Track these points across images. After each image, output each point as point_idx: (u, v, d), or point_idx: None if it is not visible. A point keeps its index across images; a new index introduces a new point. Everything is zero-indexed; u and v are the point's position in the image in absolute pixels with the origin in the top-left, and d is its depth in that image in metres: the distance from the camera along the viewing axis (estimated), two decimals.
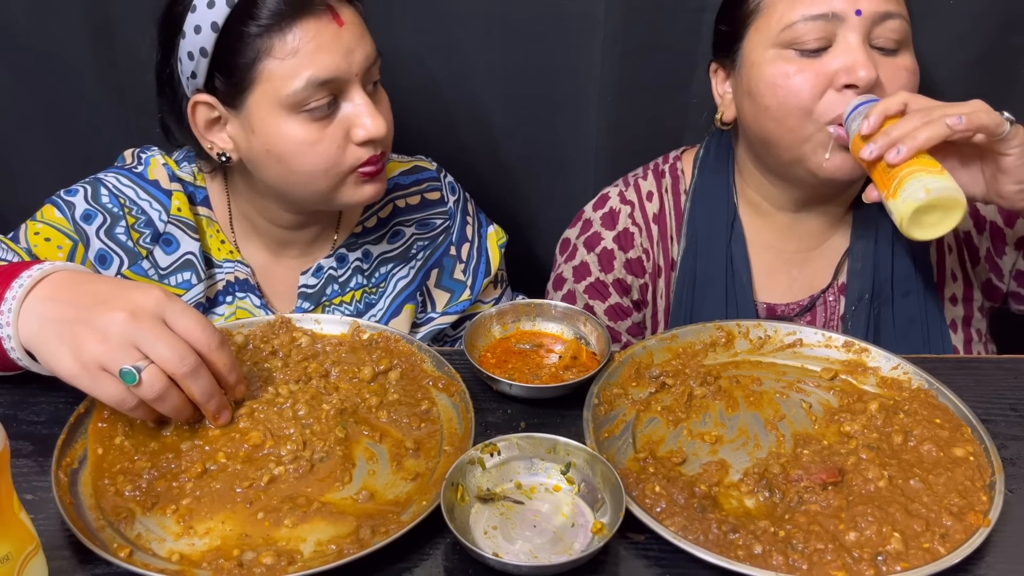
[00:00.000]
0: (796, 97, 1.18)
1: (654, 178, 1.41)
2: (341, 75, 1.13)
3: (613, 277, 1.39)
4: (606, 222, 1.40)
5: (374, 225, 1.39)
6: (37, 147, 1.68)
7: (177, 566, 0.81)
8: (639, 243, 1.39)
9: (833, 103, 1.16)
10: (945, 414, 0.99)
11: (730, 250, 1.35)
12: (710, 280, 1.35)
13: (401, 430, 0.98)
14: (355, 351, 1.09)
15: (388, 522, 0.86)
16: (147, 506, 0.88)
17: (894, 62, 1.18)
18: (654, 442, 0.98)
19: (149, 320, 0.89)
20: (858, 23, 1.16)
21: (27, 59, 1.60)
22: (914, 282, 1.32)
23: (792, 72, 1.18)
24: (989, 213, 1.33)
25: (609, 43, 1.51)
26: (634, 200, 1.40)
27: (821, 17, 1.16)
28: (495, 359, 1.09)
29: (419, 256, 1.40)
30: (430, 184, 1.42)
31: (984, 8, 1.43)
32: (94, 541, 0.82)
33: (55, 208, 1.26)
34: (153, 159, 1.31)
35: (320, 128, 1.14)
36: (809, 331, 1.12)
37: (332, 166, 1.17)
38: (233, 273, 1.32)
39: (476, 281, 1.42)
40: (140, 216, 1.28)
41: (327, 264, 1.35)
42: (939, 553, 0.82)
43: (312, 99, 1.13)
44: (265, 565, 0.81)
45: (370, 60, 1.17)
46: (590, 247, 1.40)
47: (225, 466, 0.93)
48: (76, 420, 0.95)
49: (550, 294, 1.46)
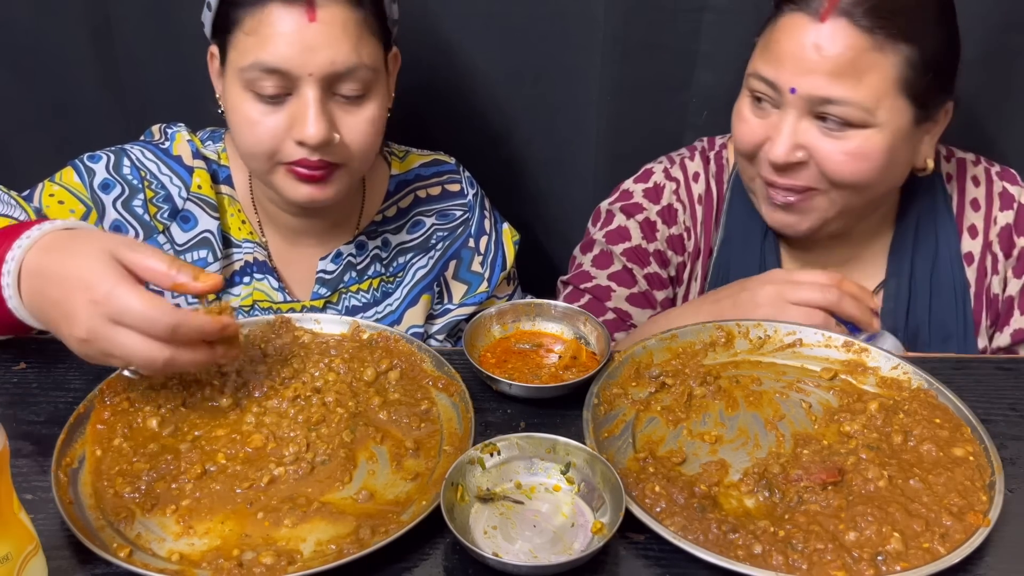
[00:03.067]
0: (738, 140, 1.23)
1: (701, 161, 1.40)
2: (292, 69, 1.12)
3: (655, 247, 1.37)
4: (650, 195, 1.38)
5: (394, 215, 1.39)
6: (37, 147, 1.68)
7: (177, 566, 0.81)
8: (682, 220, 1.37)
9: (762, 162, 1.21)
10: (945, 414, 0.99)
11: (763, 251, 1.34)
12: (743, 276, 1.30)
13: (401, 430, 0.98)
14: (356, 351, 1.09)
15: (388, 522, 0.85)
16: (147, 507, 0.87)
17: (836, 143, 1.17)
18: (654, 442, 0.98)
19: (104, 333, 0.87)
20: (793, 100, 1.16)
21: (27, 59, 1.60)
22: (953, 328, 1.31)
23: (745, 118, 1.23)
24: None
25: (609, 43, 1.51)
26: (679, 178, 1.38)
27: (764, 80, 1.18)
28: (495, 359, 1.09)
29: (438, 247, 1.40)
30: (451, 176, 1.42)
31: (984, 8, 1.43)
32: (94, 541, 0.82)
33: (75, 172, 1.27)
34: (179, 134, 1.32)
35: (264, 112, 1.15)
36: (809, 331, 1.12)
37: (265, 152, 1.17)
38: (252, 254, 1.32)
39: (494, 274, 1.42)
40: (160, 191, 1.29)
41: (346, 251, 1.35)
42: (939, 553, 0.82)
43: (259, 82, 1.13)
44: (265, 565, 0.81)
45: (338, 66, 1.13)
46: (630, 214, 1.37)
47: (225, 467, 0.92)
48: (76, 420, 0.95)
49: (575, 260, 1.43)
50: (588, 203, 1.64)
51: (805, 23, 1.14)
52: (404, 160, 1.41)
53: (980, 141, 1.55)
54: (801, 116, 1.15)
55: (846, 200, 1.21)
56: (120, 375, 1.00)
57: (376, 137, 1.21)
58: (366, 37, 1.16)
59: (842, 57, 1.12)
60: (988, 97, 1.50)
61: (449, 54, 1.56)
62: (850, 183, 1.18)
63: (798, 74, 1.14)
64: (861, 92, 1.13)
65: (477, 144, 1.64)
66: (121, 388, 1.00)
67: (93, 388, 0.99)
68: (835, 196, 1.20)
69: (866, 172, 1.17)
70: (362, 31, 1.16)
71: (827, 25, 1.12)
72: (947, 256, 1.31)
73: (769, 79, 1.17)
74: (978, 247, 1.32)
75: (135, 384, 1.00)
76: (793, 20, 1.15)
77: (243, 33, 1.13)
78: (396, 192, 1.39)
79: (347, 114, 1.17)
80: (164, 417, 0.98)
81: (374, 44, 1.18)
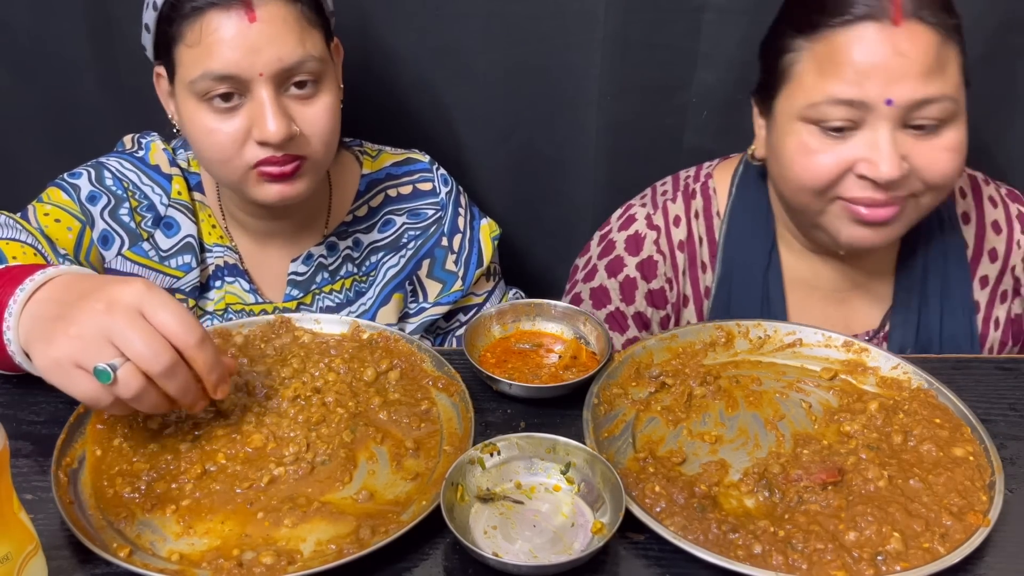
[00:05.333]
0: (813, 177, 1.13)
1: (683, 200, 1.35)
2: (241, 72, 1.12)
3: (634, 310, 1.34)
4: (630, 247, 1.34)
5: (365, 214, 1.39)
6: (37, 147, 1.68)
7: (177, 566, 0.81)
8: (663, 272, 1.33)
9: (851, 186, 1.12)
10: (945, 414, 0.99)
11: (767, 281, 1.30)
12: (744, 312, 1.27)
13: (401, 430, 0.98)
14: (356, 351, 1.09)
15: (388, 522, 0.86)
16: (147, 507, 0.87)
17: (932, 144, 1.11)
18: (654, 442, 0.98)
19: (124, 313, 0.85)
20: (889, 112, 1.08)
21: (27, 59, 1.60)
22: (966, 348, 1.28)
23: (814, 150, 1.13)
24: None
25: (609, 42, 1.50)
26: (661, 225, 1.34)
27: (847, 103, 1.09)
28: (495, 359, 1.09)
29: (409, 246, 1.40)
30: (422, 175, 1.42)
31: (984, 8, 1.43)
32: (94, 541, 0.82)
33: (61, 191, 1.28)
34: (153, 144, 1.34)
35: (220, 119, 1.15)
36: (809, 331, 1.12)
37: (228, 159, 1.17)
38: (223, 257, 1.33)
39: (468, 272, 1.42)
40: (143, 200, 1.30)
41: (317, 252, 1.36)
42: (939, 553, 0.82)
43: (212, 91, 1.13)
44: (265, 565, 0.81)
45: (286, 62, 1.13)
46: (612, 272, 1.34)
47: (225, 467, 0.92)
48: (76, 420, 0.95)
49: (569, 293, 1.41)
50: (588, 203, 1.65)
51: (878, 31, 1.08)
52: (376, 159, 1.41)
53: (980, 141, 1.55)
54: (896, 127, 1.10)
55: (932, 201, 1.16)
56: None
57: (334, 125, 1.21)
58: (308, 30, 1.16)
59: (927, 56, 1.08)
60: (988, 97, 1.50)
61: (449, 53, 1.56)
62: (948, 181, 1.14)
63: (890, 83, 1.07)
64: (950, 85, 1.10)
65: (476, 143, 1.64)
66: None
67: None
68: (926, 200, 1.15)
69: (960, 165, 1.13)
70: (303, 24, 1.16)
71: (903, 28, 1.08)
72: (956, 273, 1.28)
73: (855, 99, 1.09)
74: (995, 271, 1.29)
75: None
76: (860, 32, 1.09)
77: (186, 47, 1.13)
78: (367, 192, 1.39)
79: (302, 107, 1.17)
80: (164, 417, 0.97)
81: (317, 35, 1.18)
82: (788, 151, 1.16)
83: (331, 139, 1.22)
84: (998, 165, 1.56)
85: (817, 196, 1.15)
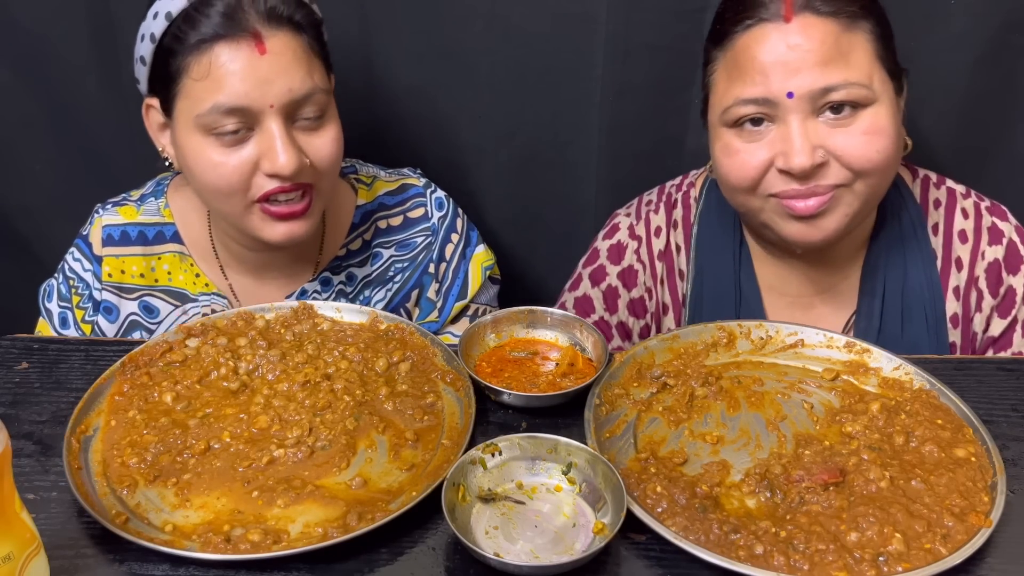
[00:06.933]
0: (739, 176, 1.18)
1: (665, 211, 1.38)
2: (251, 104, 1.11)
3: (617, 319, 1.37)
4: (612, 256, 1.37)
5: (359, 247, 1.38)
6: (37, 147, 1.68)
7: (168, 536, 0.83)
8: (642, 281, 1.36)
9: (775, 181, 1.16)
10: (947, 415, 0.99)
11: (739, 286, 1.32)
12: (719, 317, 1.25)
13: (404, 421, 1.00)
14: (371, 341, 1.11)
15: (376, 510, 0.87)
16: (149, 478, 0.90)
17: (849, 129, 1.13)
18: (655, 442, 0.98)
19: None
20: (794, 105, 1.12)
21: (28, 59, 1.60)
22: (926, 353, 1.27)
23: (736, 150, 1.17)
24: None
25: (610, 44, 1.51)
26: (642, 236, 1.37)
27: (753, 101, 1.14)
28: (491, 368, 1.08)
29: (396, 279, 1.38)
30: (415, 201, 1.40)
31: (984, 8, 1.43)
32: (94, 506, 0.84)
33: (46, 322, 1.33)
34: (97, 219, 1.33)
35: (228, 152, 1.14)
36: (811, 331, 1.12)
37: (233, 192, 1.16)
38: (210, 306, 1.32)
39: (447, 304, 1.40)
40: (84, 292, 1.32)
41: (311, 288, 1.35)
42: (940, 554, 0.82)
43: (220, 124, 1.12)
44: (251, 542, 0.83)
45: (296, 93, 1.13)
46: (595, 281, 1.38)
47: (228, 445, 0.95)
48: (96, 389, 0.99)
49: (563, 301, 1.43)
50: (589, 204, 1.65)
51: (772, 30, 1.13)
52: (371, 188, 1.39)
53: (980, 141, 1.55)
54: (805, 118, 1.13)
55: (869, 189, 1.17)
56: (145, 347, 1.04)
57: (340, 154, 1.22)
58: (315, 61, 1.17)
59: (823, 46, 1.11)
60: (988, 97, 1.50)
61: (451, 55, 1.56)
62: (874, 165, 1.15)
63: (788, 77, 1.12)
64: (854, 71, 1.13)
65: (478, 145, 1.64)
66: (143, 363, 1.04)
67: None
68: (859, 187, 1.16)
69: (885, 148, 1.14)
70: (310, 55, 1.16)
71: (794, 23, 1.12)
72: (919, 281, 1.28)
73: (759, 97, 1.13)
74: (963, 280, 1.29)
75: (155, 360, 1.05)
76: (756, 33, 1.14)
77: (192, 80, 1.12)
78: (361, 224, 1.37)
79: (311, 137, 1.17)
80: (179, 393, 1.01)
81: (322, 67, 1.19)
82: (716, 155, 1.22)
83: (337, 167, 1.22)
84: (998, 165, 1.56)
85: (750, 195, 1.19)
